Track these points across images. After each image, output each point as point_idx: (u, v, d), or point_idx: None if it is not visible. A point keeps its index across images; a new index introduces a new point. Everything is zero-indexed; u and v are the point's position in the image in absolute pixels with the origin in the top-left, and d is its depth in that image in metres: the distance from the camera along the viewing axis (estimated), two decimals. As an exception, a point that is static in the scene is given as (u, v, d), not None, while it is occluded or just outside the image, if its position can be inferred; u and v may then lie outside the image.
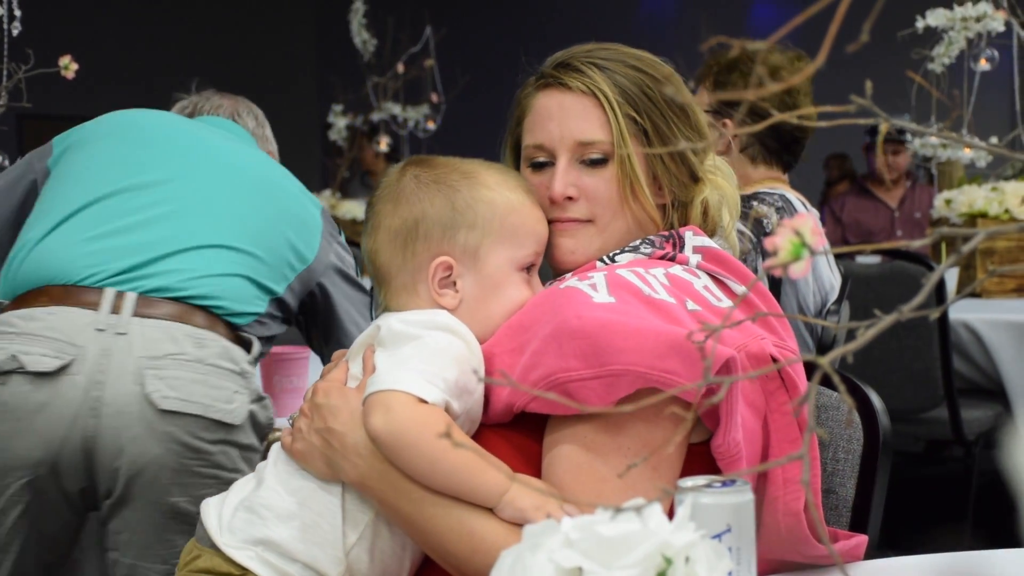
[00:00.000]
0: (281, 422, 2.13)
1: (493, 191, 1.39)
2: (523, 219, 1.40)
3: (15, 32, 2.55)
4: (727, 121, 2.58)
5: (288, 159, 2.43)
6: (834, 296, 2.69)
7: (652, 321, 1.25)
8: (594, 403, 1.25)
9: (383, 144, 6.49)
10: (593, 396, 1.25)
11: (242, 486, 1.42)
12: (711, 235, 1.47)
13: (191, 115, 2.39)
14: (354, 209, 6.08)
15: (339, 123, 6.58)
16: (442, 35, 6.59)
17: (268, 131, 2.48)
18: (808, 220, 0.75)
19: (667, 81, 1.45)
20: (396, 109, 6.62)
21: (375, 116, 6.62)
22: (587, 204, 1.43)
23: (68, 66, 2.44)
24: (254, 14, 13.11)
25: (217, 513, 1.39)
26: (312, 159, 13.25)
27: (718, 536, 1.00)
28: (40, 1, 5.12)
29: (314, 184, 10.56)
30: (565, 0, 12.21)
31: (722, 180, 1.49)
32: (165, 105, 2.40)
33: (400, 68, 6.56)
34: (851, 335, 2.78)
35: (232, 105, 2.42)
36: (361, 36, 6.46)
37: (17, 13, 2.54)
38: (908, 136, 5.48)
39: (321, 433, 1.34)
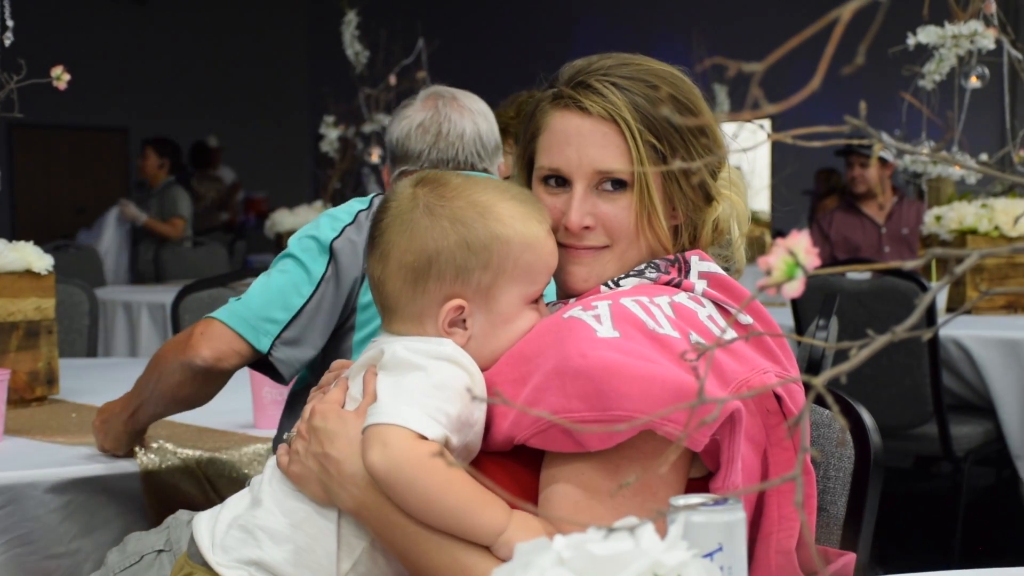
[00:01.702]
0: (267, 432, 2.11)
1: (508, 227, 1.35)
2: (537, 255, 1.37)
3: (7, 42, 2.55)
4: None
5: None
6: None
7: (656, 364, 1.24)
8: (595, 445, 1.24)
9: (375, 156, 6.49)
10: (594, 438, 1.24)
11: (236, 502, 1.41)
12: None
13: (433, 143, 2.25)
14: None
15: (331, 134, 6.57)
16: (434, 47, 6.60)
17: (496, 130, 2.29)
18: (802, 239, 0.75)
19: (689, 100, 1.41)
20: (388, 121, 6.60)
21: (367, 128, 6.61)
22: (604, 232, 1.40)
23: (60, 77, 2.43)
24: (246, 26, 13.12)
25: (210, 530, 1.38)
26: (303, 170, 13.26)
27: (710, 555, 1.00)
28: (32, 12, 5.11)
29: (305, 195, 10.58)
30: (556, 15, 12.26)
31: (735, 195, 1.47)
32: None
33: (392, 80, 6.56)
34: (842, 353, 2.78)
35: (473, 130, 2.26)
36: (353, 48, 6.46)
37: (9, 23, 2.54)
38: (885, 154, 5.49)
39: (318, 458, 1.32)
